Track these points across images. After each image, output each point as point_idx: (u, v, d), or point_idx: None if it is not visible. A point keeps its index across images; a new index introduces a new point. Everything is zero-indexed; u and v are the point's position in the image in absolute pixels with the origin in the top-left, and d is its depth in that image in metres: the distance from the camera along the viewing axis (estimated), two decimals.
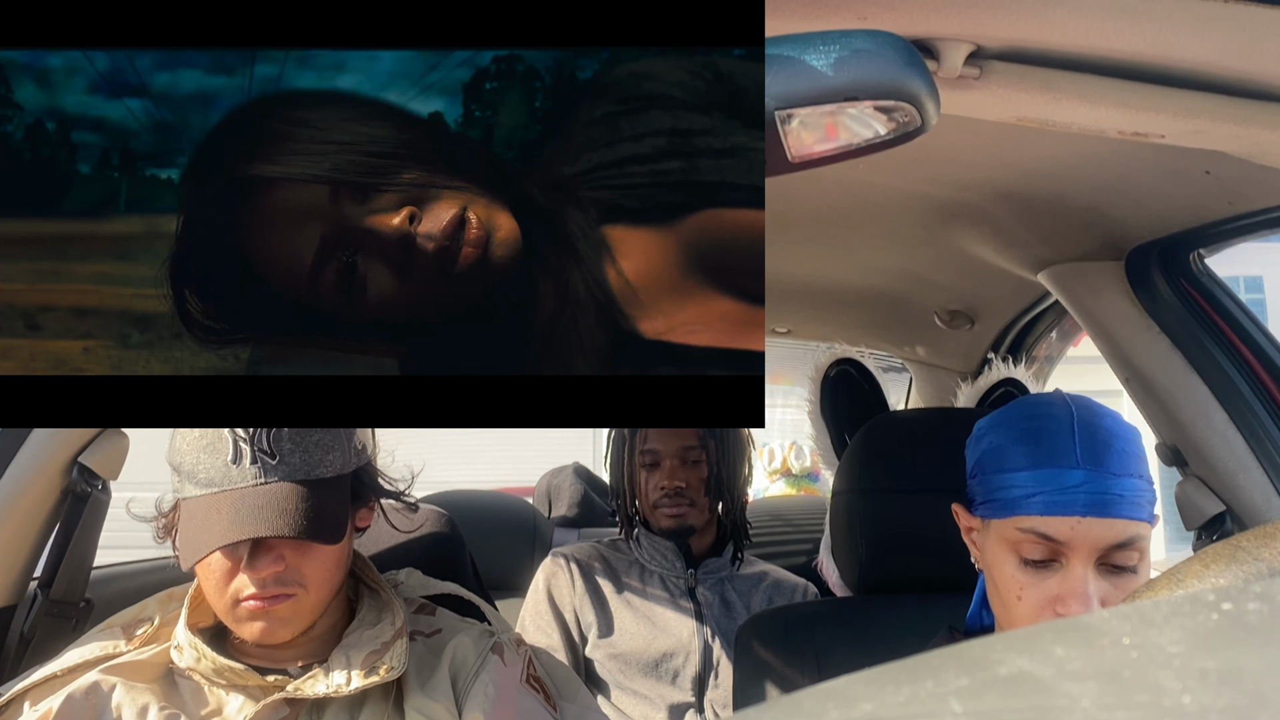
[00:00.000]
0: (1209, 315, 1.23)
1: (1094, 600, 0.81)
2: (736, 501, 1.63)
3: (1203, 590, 0.29)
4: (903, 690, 0.20)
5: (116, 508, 1.17)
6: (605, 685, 1.54)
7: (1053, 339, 1.97)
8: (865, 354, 1.57)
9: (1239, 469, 1.19)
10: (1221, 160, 0.94)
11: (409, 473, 1.09)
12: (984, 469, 0.89)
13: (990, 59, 0.72)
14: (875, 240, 1.63)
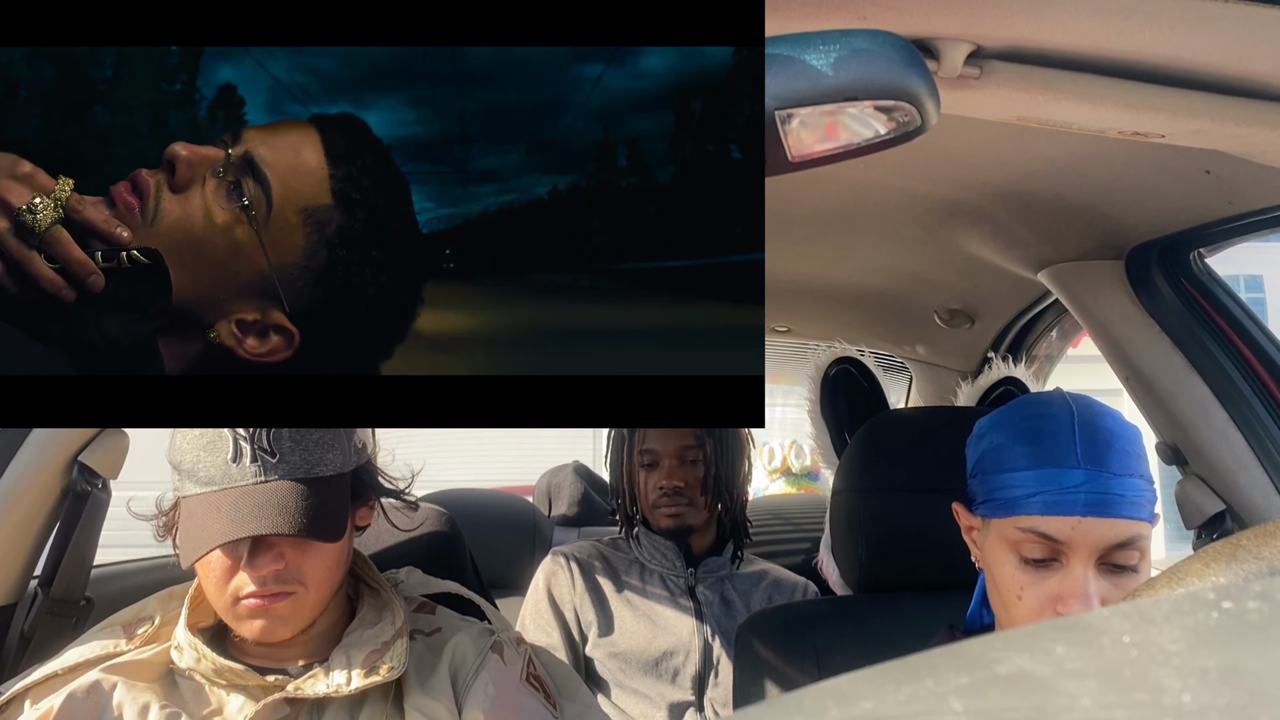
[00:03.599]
0: (1209, 314, 1.23)
1: (1094, 599, 0.81)
2: (736, 501, 1.63)
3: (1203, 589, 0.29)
4: (903, 689, 0.20)
5: (117, 506, 1.17)
6: (605, 684, 1.54)
7: (1053, 338, 1.97)
8: (865, 353, 1.57)
9: (1239, 468, 1.19)
10: (1221, 160, 0.94)
11: (409, 471, 1.09)
12: (984, 468, 0.89)
13: (990, 59, 0.72)
14: (875, 239, 1.63)
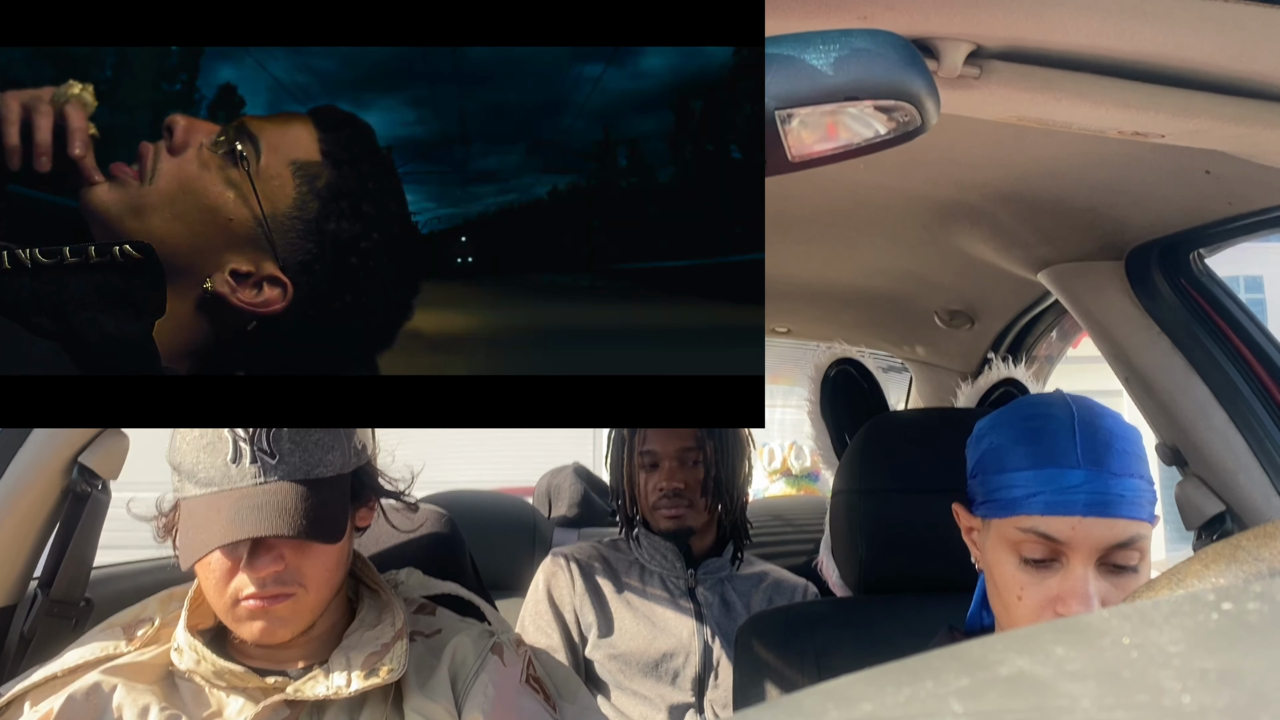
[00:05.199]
0: (1209, 315, 1.23)
1: (1094, 600, 0.81)
2: (736, 502, 1.63)
3: (1203, 590, 0.29)
4: (903, 690, 0.20)
5: (116, 507, 1.17)
6: (605, 685, 1.54)
7: (1053, 339, 1.97)
8: (865, 354, 1.57)
9: (1239, 469, 1.19)
10: (1221, 160, 0.94)
11: (409, 472, 1.09)
12: (984, 469, 0.89)
13: (990, 58, 0.72)
14: (875, 240, 1.63)
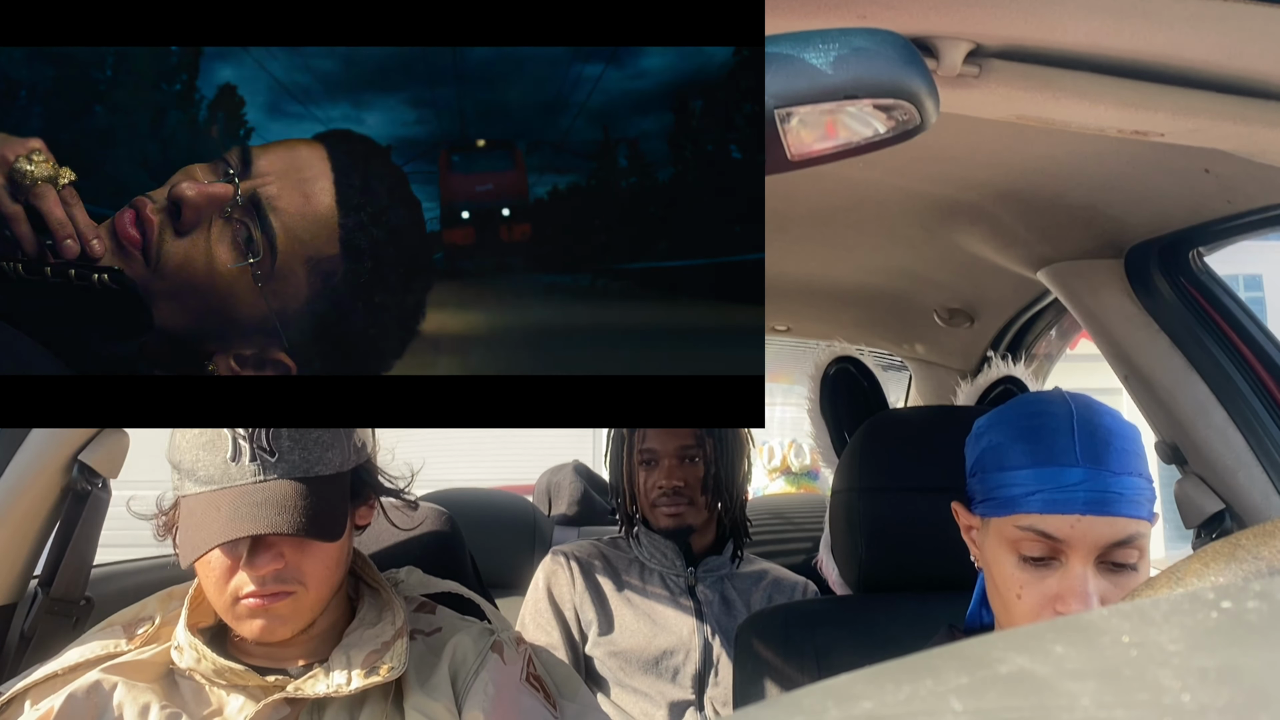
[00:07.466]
0: (1208, 313, 1.23)
1: (1094, 598, 0.81)
2: (735, 500, 1.63)
3: (1202, 588, 0.29)
4: (903, 688, 0.20)
5: (117, 506, 1.17)
6: (605, 683, 1.54)
7: (1052, 337, 1.97)
8: (865, 352, 1.57)
9: (1238, 467, 1.19)
10: (1221, 159, 0.94)
11: (409, 470, 1.09)
12: (984, 467, 0.89)
13: (990, 57, 0.72)
14: (875, 238, 1.63)
